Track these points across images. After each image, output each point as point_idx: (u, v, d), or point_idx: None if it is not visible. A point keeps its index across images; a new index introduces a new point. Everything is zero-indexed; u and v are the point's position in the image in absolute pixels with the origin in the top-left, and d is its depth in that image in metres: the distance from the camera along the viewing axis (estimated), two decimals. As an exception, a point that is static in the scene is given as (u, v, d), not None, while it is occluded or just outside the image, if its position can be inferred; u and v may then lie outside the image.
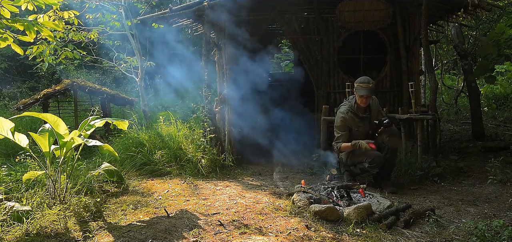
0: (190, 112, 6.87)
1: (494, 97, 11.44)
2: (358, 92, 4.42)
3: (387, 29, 6.36)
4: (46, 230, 3.13)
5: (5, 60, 12.47)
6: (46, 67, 6.94)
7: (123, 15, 6.52)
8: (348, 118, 4.48)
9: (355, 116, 4.49)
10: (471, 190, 4.49)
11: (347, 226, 3.33)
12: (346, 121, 4.49)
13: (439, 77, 11.70)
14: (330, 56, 6.48)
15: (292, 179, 5.10)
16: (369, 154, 4.33)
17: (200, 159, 5.31)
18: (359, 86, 4.40)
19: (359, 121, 4.50)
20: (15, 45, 3.21)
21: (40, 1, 3.16)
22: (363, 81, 4.42)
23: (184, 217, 3.56)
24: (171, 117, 6.08)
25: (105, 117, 4.35)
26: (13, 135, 3.50)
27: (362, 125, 4.50)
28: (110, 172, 4.34)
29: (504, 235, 2.93)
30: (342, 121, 4.50)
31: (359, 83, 4.42)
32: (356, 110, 4.50)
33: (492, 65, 7.10)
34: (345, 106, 4.58)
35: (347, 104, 4.58)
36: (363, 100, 4.43)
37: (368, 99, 4.45)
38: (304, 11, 6.66)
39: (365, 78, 4.46)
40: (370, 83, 4.39)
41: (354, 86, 4.51)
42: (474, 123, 7.57)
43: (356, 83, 4.45)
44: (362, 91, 4.38)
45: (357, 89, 4.42)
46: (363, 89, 4.38)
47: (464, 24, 8.77)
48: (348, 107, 4.52)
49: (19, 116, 3.96)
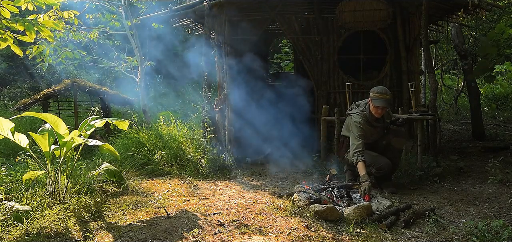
0: (190, 112, 6.87)
1: (494, 97, 11.44)
2: (374, 103, 4.24)
3: (387, 29, 6.36)
4: (46, 230, 3.13)
5: (5, 60, 12.48)
6: (46, 67, 6.93)
7: (123, 15, 6.51)
8: (365, 128, 4.35)
9: (369, 126, 4.39)
10: (471, 190, 4.49)
11: (347, 226, 3.33)
12: (364, 131, 4.34)
13: (439, 77, 11.71)
14: (330, 56, 6.48)
15: (292, 179, 5.10)
16: (378, 159, 4.30)
17: (200, 159, 5.31)
18: (376, 97, 4.22)
19: (373, 130, 4.42)
20: (14, 46, 3.21)
21: (40, 1, 3.16)
22: (380, 91, 4.23)
23: (184, 217, 3.56)
24: (171, 117, 6.08)
25: (105, 117, 4.34)
26: (13, 135, 3.50)
27: (375, 133, 4.45)
28: (110, 172, 4.33)
29: (504, 235, 2.93)
30: (361, 130, 4.30)
31: (376, 93, 4.23)
32: (370, 119, 4.37)
33: (491, 65, 7.10)
34: (359, 116, 4.37)
35: (361, 114, 4.38)
36: (379, 112, 4.26)
37: (383, 111, 4.30)
38: (304, 11, 6.65)
39: (383, 88, 4.29)
40: (388, 95, 4.22)
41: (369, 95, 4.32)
42: (474, 123, 7.58)
43: (373, 93, 4.26)
44: (379, 102, 4.20)
45: (374, 100, 4.24)
46: (380, 100, 4.20)
47: (464, 24, 8.77)
48: (363, 117, 4.35)
49: (19, 116, 3.96)
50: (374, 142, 4.51)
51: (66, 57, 7.04)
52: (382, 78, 6.50)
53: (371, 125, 4.39)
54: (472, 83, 7.67)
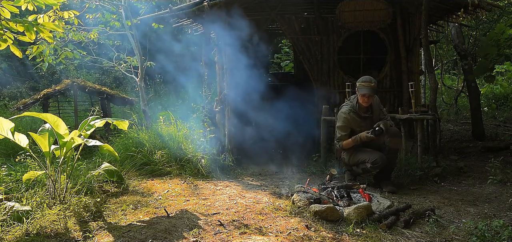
0: (190, 112, 6.87)
1: (494, 97, 11.44)
2: (360, 91, 4.41)
3: (387, 29, 6.36)
4: (46, 230, 3.13)
5: (5, 60, 12.47)
6: (46, 67, 6.94)
7: (123, 15, 6.51)
8: (350, 119, 4.47)
9: (357, 116, 4.47)
10: (471, 190, 4.49)
11: (347, 226, 3.33)
12: (348, 121, 4.47)
13: (439, 77, 11.70)
14: (330, 56, 6.48)
15: (292, 179, 5.10)
16: (372, 154, 4.33)
17: (200, 159, 5.31)
18: (361, 85, 4.39)
19: (361, 121, 4.48)
20: (14, 47, 3.20)
21: (40, 1, 3.15)
22: (365, 80, 4.42)
23: (184, 217, 3.56)
24: (171, 118, 6.08)
25: (105, 117, 4.34)
26: (13, 135, 3.50)
27: (364, 124, 4.48)
28: (110, 172, 4.33)
29: (504, 235, 2.93)
30: (344, 120, 4.48)
31: (361, 83, 4.41)
32: (358, 110, 4.48)
33: (491, 65, 7.10)
34: (347, 106, 4.55)
35: (348, 104, 4.56)
36: (365, 100, 4.41)
37: (370, 99, 4.43)
38: (304, 11, 6.66)
39: (367, 77, 4.46)
40: (372, 83, 4.38)
41: (355, 85, 4.50)
42: (474, 123, 7.58)
43: (358, 83, 4.44)
44: (364, 90, 4.37)
45: (359, 88, 4.41)
46: (365, 88, 4.36)
47: (464, 24, 8.77)
48: (350, 107, 4.50)
49: (19, 116, 3.96)
50: (367, 142, 4.50)
51: (66, 57, 7.04)
52: (382, 78, 6.49)
53: (359, 116, 4.48)
54: (472, 83, 7.67)
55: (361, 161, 4.41)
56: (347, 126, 4.49)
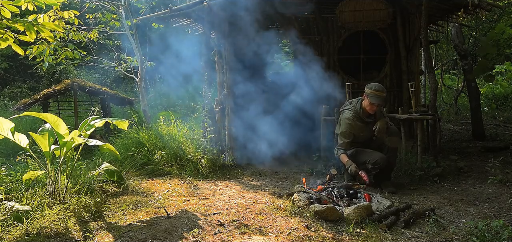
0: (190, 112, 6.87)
1: (494, 97, 11.44)
2: (370, 100, 4.27)
3: (387, 29, 6.36)
4: (46, 230, 3.13)
5: (5, 60, 12.48)
6: (46, 67, 6.94)
7: (123, 15, 6.52)
8: (354, 125, 4.40)
9: (360, 122, 4.42)
10: (471, 190, 4.49)
11: (347, 226, 3.33)
12: (352, 127, 4.40)
13: (439, 77, 11.70)
14: (330, 56, 6.47)
15: (292, 179, 5.10)
16: (372, 155, 4.32)
17: (200, 159, 5.31)
18: (374, 94, 4.24)
19: (364, 126, 4.44)
20: (15, 45, 3.21)
21: (40, 1, 3.15)
22: (378, 89, 4.26)
23: (184, 217, 3.56)
24: (171, 117, 6.08)
25: (105, 117, 4.34)
26: (13, 135, 3.50)
27: (367, 129, 4.45)
28: (110, 172, 4.33)
29: (504, 235, 2.93)
30: (348, 127, 4.40)
31: (373, 90, 4.25)
32: (361, 114, 4.41)
33: (491, 65, 7.09)
34: (350, 111, 4.44)
35: (352, 110, 4.45)
36: (373, 108, 4.32)
37: (378, 108, 4.38)
38: (304, 11, 6.66)
39: (380, 86, 4.31)
40: (384, 93, 4.27)
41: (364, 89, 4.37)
42: (474, 123, 7.57)
43: (370, 90, 4.29)
44: (376, 100, 4.25)
45: (370, 96, 4.27)
46: (377, 98, 4.24)
47: (464, 24, 8.77)
48: (354, 113, 4.40)
49: (19, 116, 3.96)
50: (367, 143, 4.50)
51: (66, 57, 7.05)
52: (382, 78, 6.50)
53: (362, 121, 4.42)
54: (472, 83, 7.67)
55: (361, 162, 4.40)
56: (351, 132, 4.41)
